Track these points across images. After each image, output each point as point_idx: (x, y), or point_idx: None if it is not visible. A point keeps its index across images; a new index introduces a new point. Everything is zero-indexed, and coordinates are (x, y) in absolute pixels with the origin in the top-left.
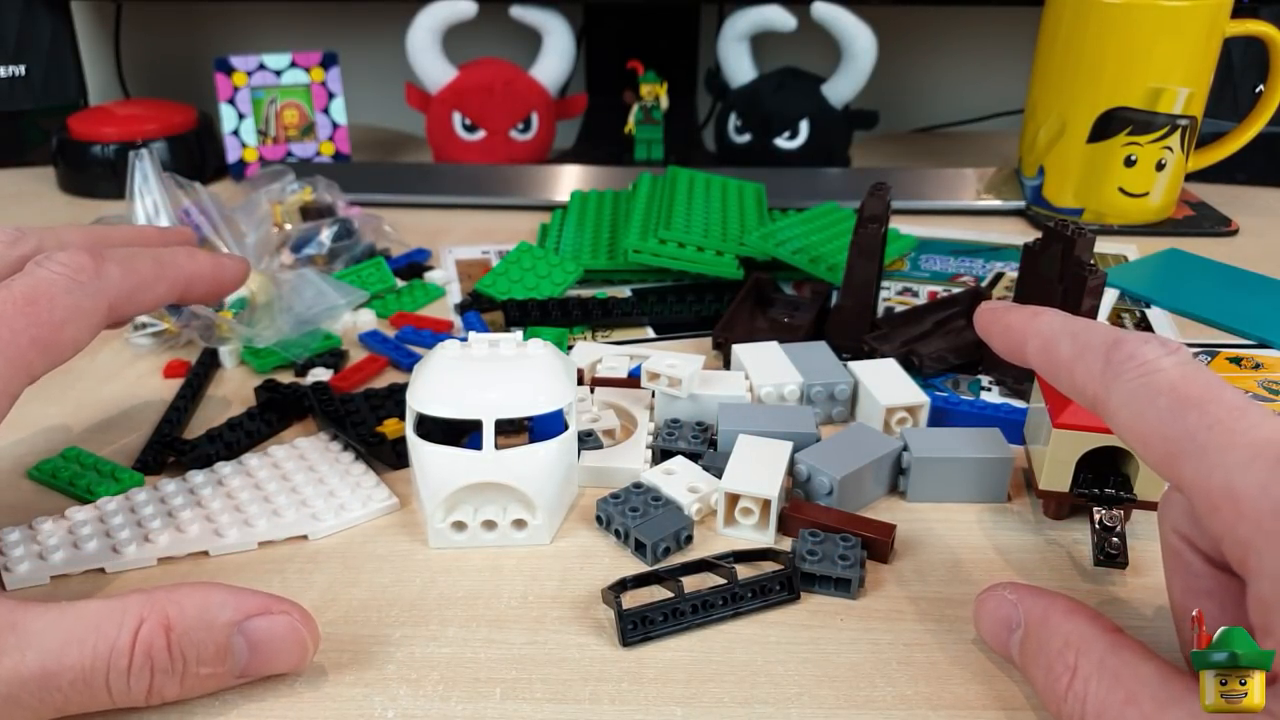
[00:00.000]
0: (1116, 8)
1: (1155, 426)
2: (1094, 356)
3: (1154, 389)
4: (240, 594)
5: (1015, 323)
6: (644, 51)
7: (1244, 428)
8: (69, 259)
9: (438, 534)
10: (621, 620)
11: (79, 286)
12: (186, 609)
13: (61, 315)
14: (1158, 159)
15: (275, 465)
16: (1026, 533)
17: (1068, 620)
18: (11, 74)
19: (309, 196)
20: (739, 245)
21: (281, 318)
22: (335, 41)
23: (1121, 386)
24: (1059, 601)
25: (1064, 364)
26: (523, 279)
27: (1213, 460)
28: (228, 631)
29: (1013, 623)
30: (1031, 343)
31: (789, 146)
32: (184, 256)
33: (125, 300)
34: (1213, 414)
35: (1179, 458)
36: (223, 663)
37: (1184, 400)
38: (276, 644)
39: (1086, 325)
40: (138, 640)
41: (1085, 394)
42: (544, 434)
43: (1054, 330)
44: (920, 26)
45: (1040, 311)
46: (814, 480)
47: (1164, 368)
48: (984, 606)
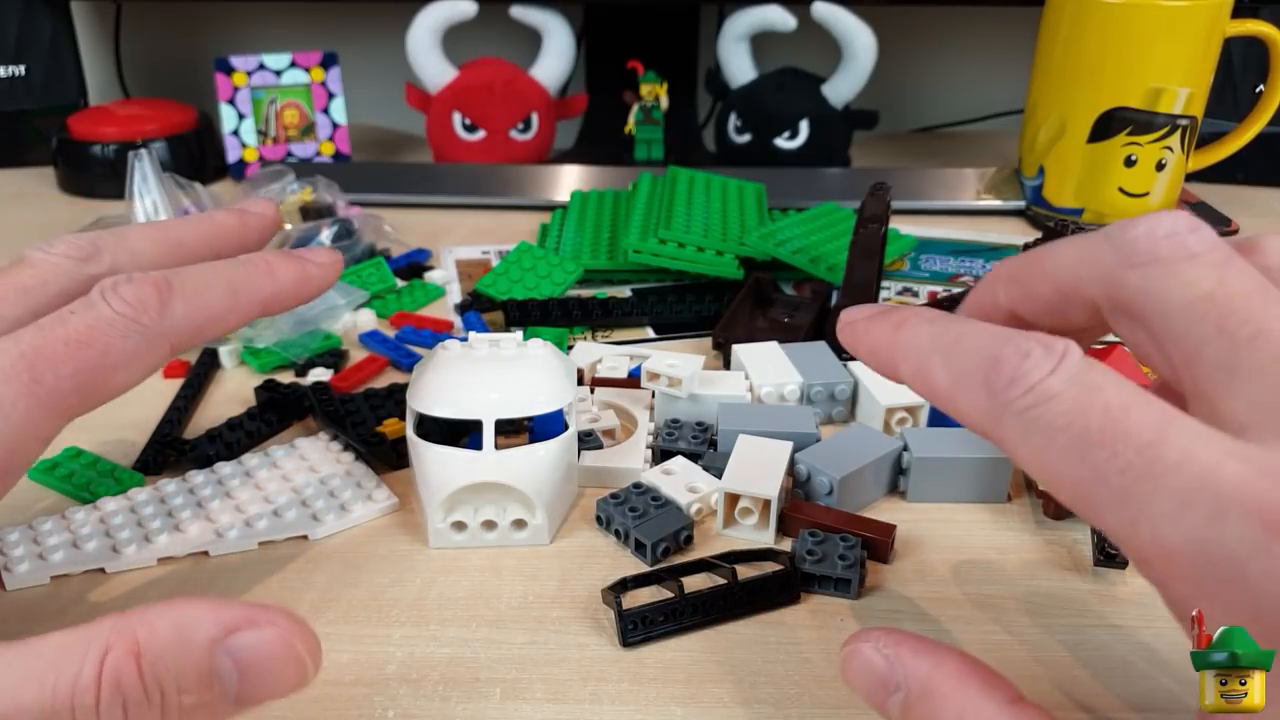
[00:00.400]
0: (1116, 8)
1: (1061, 468)
2: (973, 383)
3: (1049, 424)
4: (220, 607)
5: (881, 341)
6: (644, 51)
7: (1161, 470)
8: (134, 296)
9: (438, 534)
10: (621, 620)
11: (139, 331)
12: (158, 630)
13: (114, 361)
14: (1158, 159)
15: (275, 465)
16: (1026, 533)
17: (960, 688)
18: (11, 74)
19: (309, 196)
20: (739, 245)
21: (281, 318)
22: (335, 41)
23: (1012, 420)
24: (948, 662)
25: (943, 395)
26: (523, 279)
27: (1135, 510)
28: (208, 652)
29: (891, 684)
30: (902, 366)
31: (789, 146)
32: (264, 278)
33: (190, 337)
34: (1123, 456)
35: (1095, 505)
36: (209, 689)
37: (1085, 438)
38: (268, 662)
39: (957, 338)
40: (104, 672)
41: (978, 430)
42: (544, 434)
43: (922, 350)
44: (920, 26)
45: (904, 320)
46: (814, 480)
47: (1055, 392)
48: (855, 658)
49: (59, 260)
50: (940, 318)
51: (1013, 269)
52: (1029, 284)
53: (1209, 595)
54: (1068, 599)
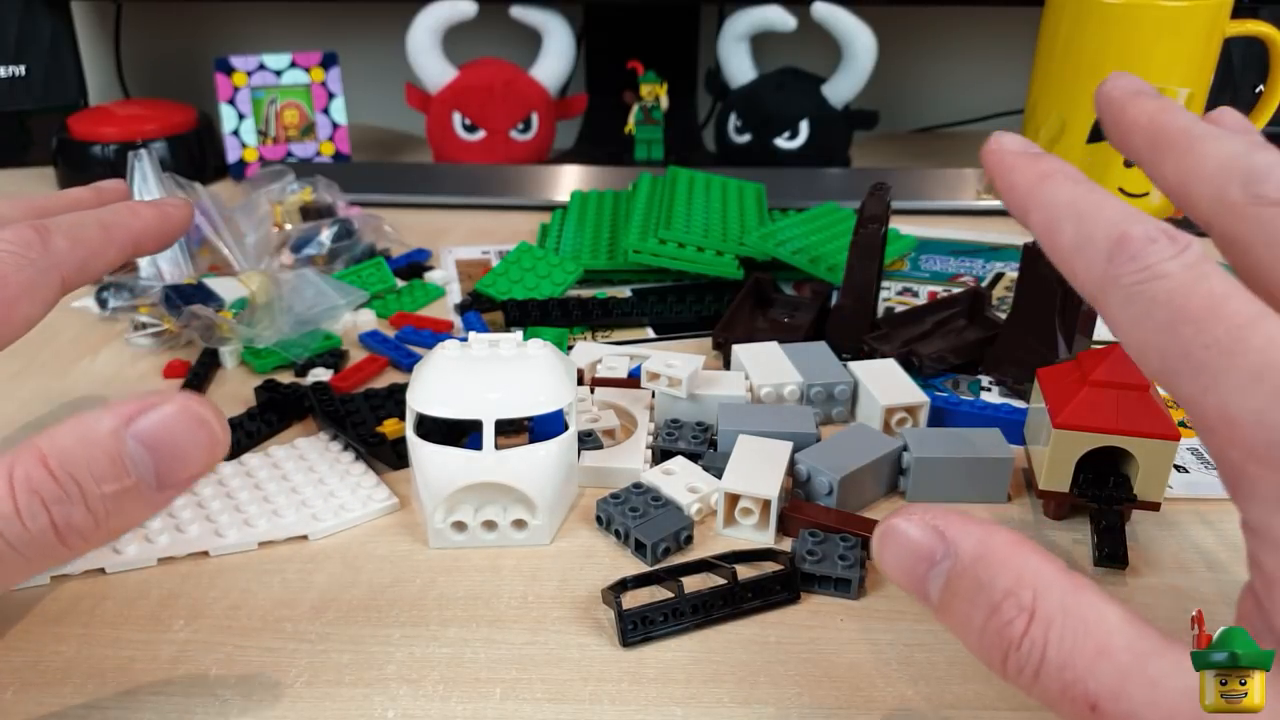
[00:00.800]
0: (1116, 8)
1: (1152, 338)
2: (1095, 252)
3: (1153, 298)
4: (119, 402)
5: (1020, 184)
6: (644, 51)
7: (1243, 349)
8: (14, 236)
9: (438, 534)
10: (621, 620)
11: (29, 264)
12: (60, 435)
13: (14, 293)
14: None
15: (275, 465)
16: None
17: (1017, 553)
18: (11, 74)
19: (309, 196)
20: (739, 245)
21: (281, 318)
22: (335, 41)
23: (1120, 291)
24: (1000, 531)
25: (1064, 252)
26: (523, 279)
27: (1208, 381)
28: (113, 439)
29: (937, 554)
30: (1034, 214)
31: (789, 146)
32: (128, 215)
33: (77, 271)
34: (1210, 332)
35: (1175, 374)
36: (126, 474)
37: (1183, 314)
38: (174, 435)
39: (1096, 204)
40: (14, 480)
41: (1084, 290)
42: (544, 434)
43: (1058, 207)
44: (920, 26)
45: (1049, 172)
46: (814, 480)
47: (1168, 273)
48: (894, 535)
49: None
50: (1084, 180)
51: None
52: (1162, 161)
53: (1259, 458)
54: None
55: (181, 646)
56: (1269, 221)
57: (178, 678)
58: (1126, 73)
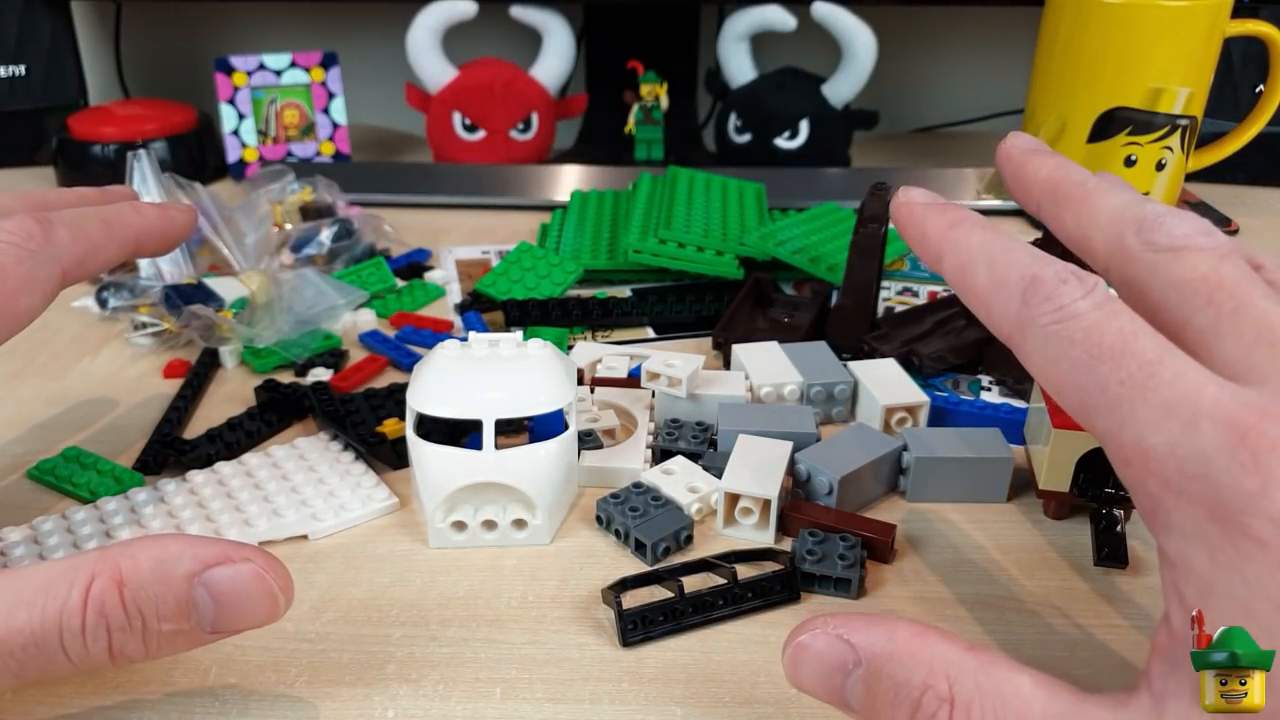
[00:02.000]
0: (1116, 8)
1: (1069, 376)
2: (1009, 293)
3: (1069, 337)
4: (199, 543)
5: (932, 232)
6: (644, 51)
7: (1155, 384)
8: (17, 227)
9: (438, 534)
10: (621, 620)
11: (30, 255)
12: (141, 562)
13: (14, 285)
14: (1158, 159)
15: (275, 465)
16: (1026, 533)
17: (923, 644)
18: (11, 74)
19: (309, 196)
20: (739, 245)
21: (281, 318)
22: (335, 41)
23: (1037, 331)
24: (901, 626)
25: (979, 294)
26: (523, 279)
27: (1124, 415)
28: (187, 584)
29: (848, 663)
30: (947, 260)
31: (789, 146)
32: (131, 213)
33: (78, 265)
34: (1125, 368)
35: (1092, 409)
36: (187, 618)
37: (1098, 351)
38: (242, 595)
39: (1005, 249)
40: (89, 598)
41: (999, 331)
42: (544, 434)
43: (971, 250)
44: (920, 26)
45: (958, 220)
46: (814, 480)
47: (1081, 312)
48: (804, 652)
49: None
50: (991, 226)
51: (1059, 190)
52: (1061, 212)
53: (1174, 489)
54: (1068, 599)
55: None
56: (1162, 266)
57: (178, 678)
58: (1022, 133)
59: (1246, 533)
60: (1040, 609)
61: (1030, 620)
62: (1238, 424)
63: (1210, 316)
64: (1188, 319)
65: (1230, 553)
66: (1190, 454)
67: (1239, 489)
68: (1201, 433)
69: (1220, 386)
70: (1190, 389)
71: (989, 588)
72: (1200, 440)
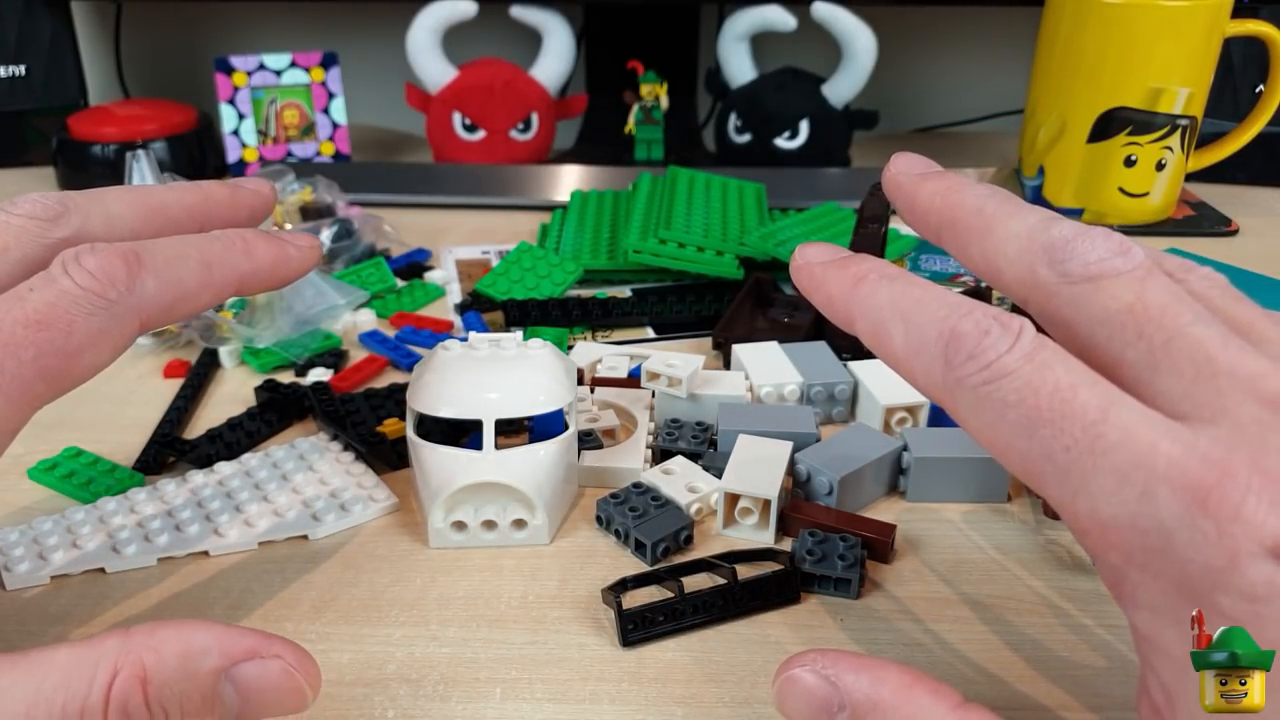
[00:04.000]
0: (1116, 8)
1: (1009, 441)
2: (930, 354)
3: (1003, 400)
4: (227, 636)
5: (836, 293)
6: (644, 51)
7: (1102, 448)
8: (99, 268)
9: (438, 534)
10: (621, 620)
11: (105, 307)
12: (165, 657)
13: (79, 342)
14: (1158, 159)
15: (275, 465)
16: (1026, 533)
17: (907, 698)
18: (11, 74)
19: (309, 196)
20: (739, 245)
21: (281, 318)
22: (335, 41)
23: (966, 394)
24: (890, 674)
25: (899, 358)
26: (523, 279)
27: (1075, 484)
28: (213, 680)
29: (833, 705)
30: (859, 323)
31: (789, 146)
32: (240, 257)
33: (161, 315)
34: (1068, 433)
35: (1039, 476)
36: (211, 713)
37: (1035, 414)
38: (270, 691)
39: (918, 301)
40: (111, 697)
41: (929, 395)
42: (544, 434)
43: (881, 309)
44: (920, 26)
45: (862, 275)
46: (814, 480)
47: (1009, 369)
48: (792, 685)
49: (21, 222)
50: (899, 276)
51: (957, 221)
52: (964, 245)
53: (1139, 564)
54: (1068, 599)
55: None
56: (1083, 299)
57: None
58: (907, 154)
59: (1219, 611)
60: (1040, 609)
61: (1030, 620)
62: (1196, 487)
63: (1143, 352)
64: (1121, 355)
65: None
66: (1150, 526)
67: (1206, 564)
68: (1159, 501)
69: (1172, 439)
70: (1142, 450)
71: (989, 588)
72: (1159, 510)
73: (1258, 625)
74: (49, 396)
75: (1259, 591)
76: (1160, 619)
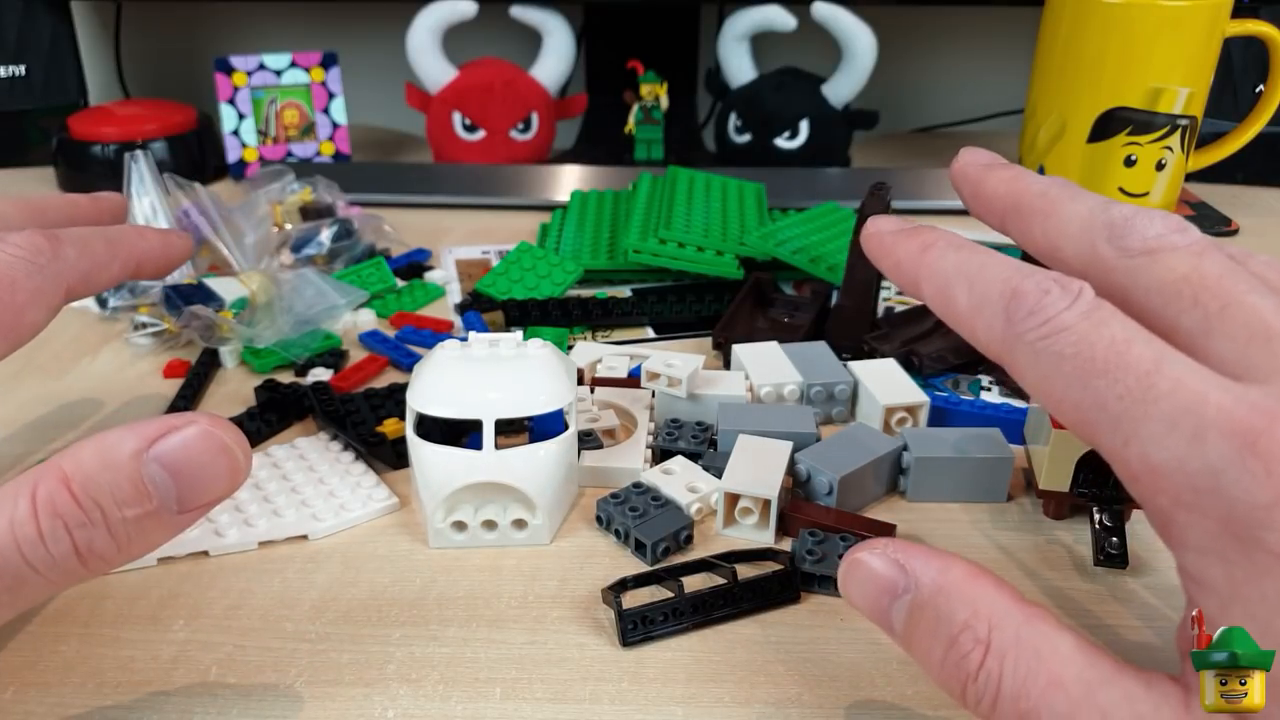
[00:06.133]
0: (1116, 8)
1: (1064, 393)
2: (993, 311)
3: (1060, 353)
4: (140, 423)
5: (905, 259)
6: (644, 51)
7: (1154, 396)
8: (26, 241)
9: (438, 534)
10: (621, 620)
11: (39, 270)
12: (83, 457)
13: (23, 299)
14: (1158, 159)
15: (275, 465)
16: (1026, 533)
17: (973, 585)
18: (11, 74)
19: (309, 196)
20: (739, 245)
21: (281, 318)
22: (335, 41)
23: (1025, 349)
24: (957, 564)
25: (962, 316)
26: (523, 279)
27: (1127, 431)
28: (135, 463)
29: (899, 587)
30: (925, 286)
31: (789, 146)
32: (134, 235)
33: (82, 282)
34: (1121, 382)
35: (1092, 425)
36: (148, 499)
37: (1090, 365)
38: (196, 460)
39: (982, 265)
40: (37, 503)
41: (989, 351)
42: (544, 434)
43: (947, 273)
44: (920, 26)
45: (931, 243)
46: (814, 480)
47: (1068, 324)
48: (859, 568)
49: None
50: (965, 245)
51: (1021, 203)
52: (1028, 226)
53: (1186, 504)
54: (1068, 599)
55: (181, 646)
56: (1140, 270)
57: (178, 678)
58: (973, 148)
59: (1263, 546)
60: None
61: None
62: (1246, 431)
63: (1198, 318)
64: (1176, 322)
65: (1248, 568)
66: (1199, 468)
67: (1253, 502)
68: (1209, 444)
69: (1223, 390)
70: (1192, 398)
71: None
72: (1208, 453)
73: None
74: (1, 350)
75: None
76: (1206, 557)
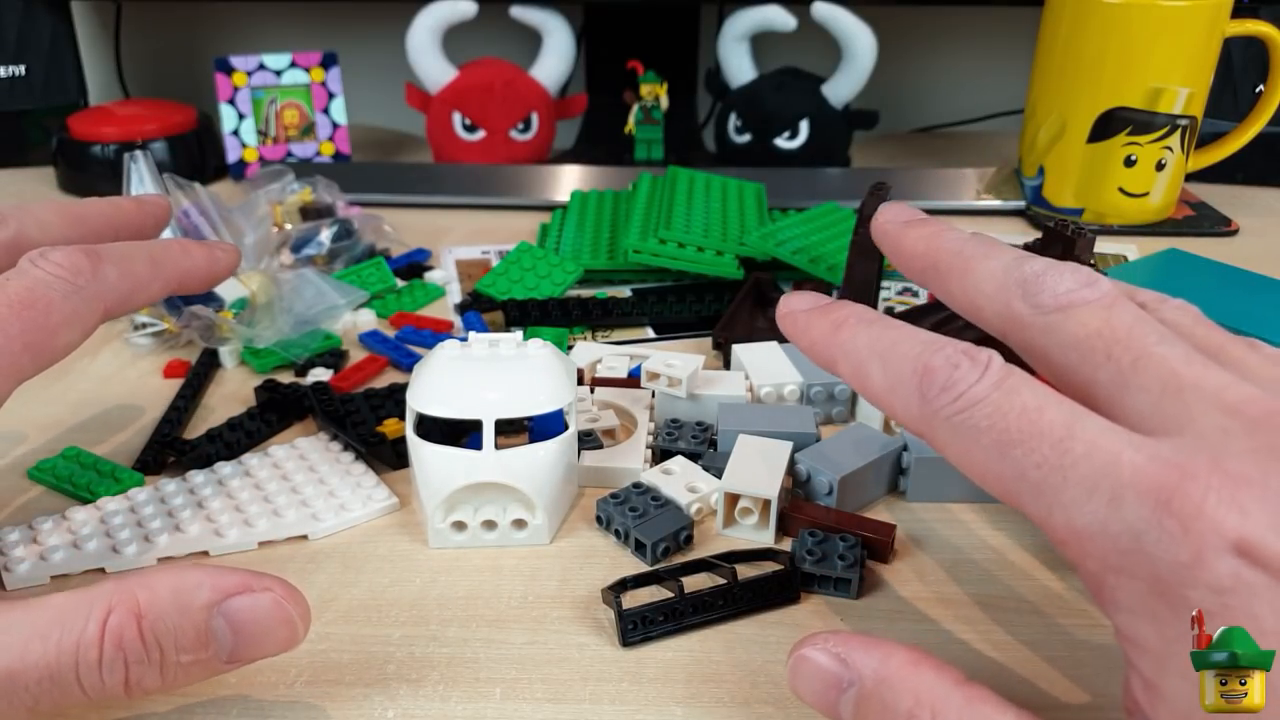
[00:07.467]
0: (1116, 8)
1: (986, 465)
2: (907, 390)
3: (974, 426)
4: (218, 573)
5: (819, 339)
6: (644, 51)
7: (1070, 461)
8: (66, 260)
9: (438, 534)
10: (621, 620)
11: (76, 291)
12: (159, 593)
13: (58, 320)
14: (1158, 159)
15: (275, 465)
16: (1026, 533)
17: (914, 673)
18: (11, 74)
19: (309, 196)
20: (739, 245)
21: (281, 318)
22: (335, 41)
23: (942, 424)
24: (898, 652)
25: (879, 396)
26: (523, 279)
27: (1049, 499)
28: (205, 614)
29: (843, 681)
30: (841, 365)
31: (789, 146)
32: (179, 253)
33: (121, 303)
34: (1038, 450)
35: (1016, 495)
36: (205, 648)
37: (1006, 436)
38: (261, 624)
39: (894, 343)
40: (106, 630)
41: (909, 428)
42: (544, 434)
43: (860, 352)
44: (920, 26)
45: (841, 322)
46: (814, 480)
47: (980, 397)
48: (804, 664)
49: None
50: (876, 320)
51: (939, 263)
52: (946, 284)
53: (1114, 567)
54: (1068, 599)
55: None
56: (1054, 328)
57: None
58: (895, 203)
59: (1189, 604)
60: (1040, 609)
61: (1030, 620)
62: (1159, 489)
63: (1113, 372)
64: (1092, 377)
65: (1178, 626)
66: (1120, 530)
67: (1174, 561)
68: (1126, 506)
69: (1135, 448)
70: (1107, 459)
71: (989, 588)
72: (1127, 514)
73: (1227, 617)
74: (31, 372)
75: (1225, 584)
76: (1138, 618)
